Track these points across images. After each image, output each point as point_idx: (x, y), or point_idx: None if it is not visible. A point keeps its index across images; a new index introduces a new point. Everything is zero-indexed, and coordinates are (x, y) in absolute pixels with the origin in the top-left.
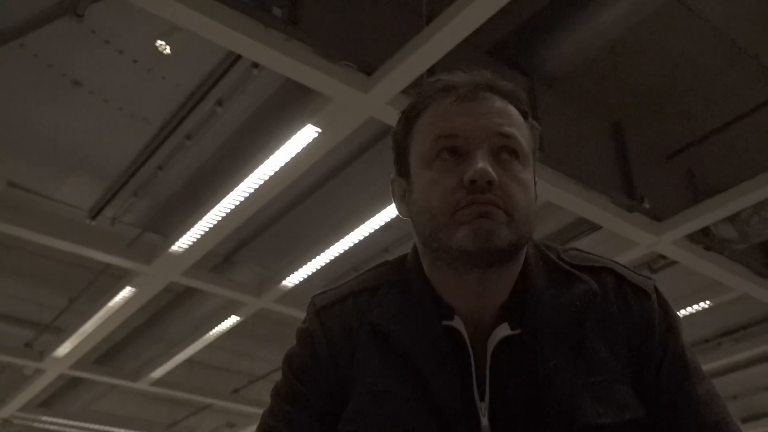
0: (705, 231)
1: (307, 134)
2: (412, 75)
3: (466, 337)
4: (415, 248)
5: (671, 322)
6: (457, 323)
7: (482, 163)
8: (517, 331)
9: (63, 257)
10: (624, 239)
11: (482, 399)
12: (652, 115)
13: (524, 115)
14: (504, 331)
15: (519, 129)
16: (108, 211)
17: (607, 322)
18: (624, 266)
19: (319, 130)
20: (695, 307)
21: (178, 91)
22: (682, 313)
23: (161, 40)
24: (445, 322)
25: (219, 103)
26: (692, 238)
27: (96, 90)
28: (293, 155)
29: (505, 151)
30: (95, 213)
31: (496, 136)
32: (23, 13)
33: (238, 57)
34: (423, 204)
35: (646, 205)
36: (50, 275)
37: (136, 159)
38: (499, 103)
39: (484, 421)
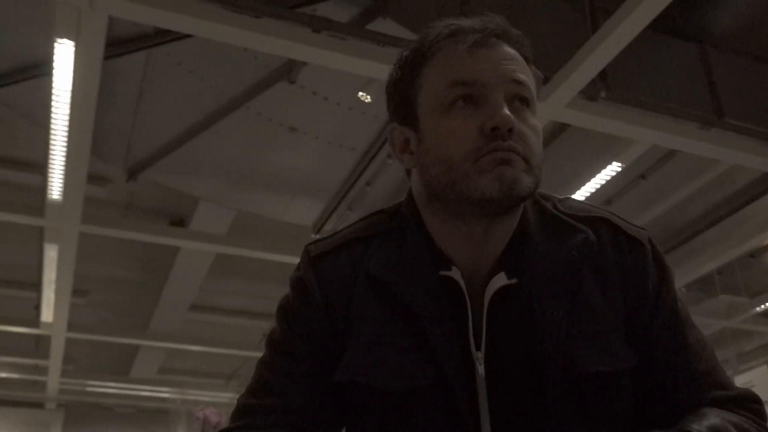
0: None
1: None
2: (587, 78)
3: (463, 287)
4: (410, 197)
5: (664, 273)
6: (455, 273)
7: (505, 110)
8: (514, 281)
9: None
10: None
11: (478, 348)
12: None
13: (528, 61)
14: (501, 280)
15: (528, 76)
16: (328, 225)
17: (602, 272)
18: (619, 216)
19: None
20: None
21: (376, 121)
22: None
23: (362, 91)
24: (442, 272)
25: None
26: None
27: (308, 131)
28: None
29: (517, 98)
30: (318, 228)
31: (511, 83)
32: (247, 84)
33: None
34: (439, 153)
35: None
36: (273, 273)
37: (347, 180)
38: (508, 49)
39: (481, 370)
